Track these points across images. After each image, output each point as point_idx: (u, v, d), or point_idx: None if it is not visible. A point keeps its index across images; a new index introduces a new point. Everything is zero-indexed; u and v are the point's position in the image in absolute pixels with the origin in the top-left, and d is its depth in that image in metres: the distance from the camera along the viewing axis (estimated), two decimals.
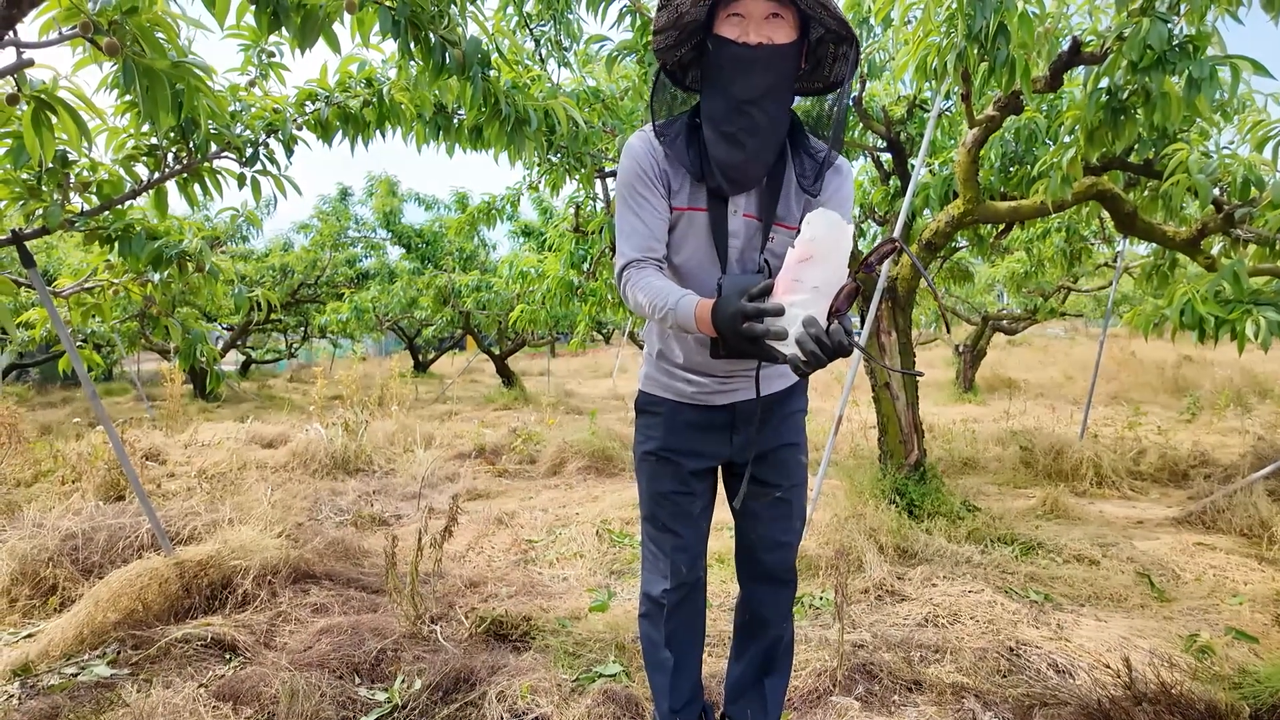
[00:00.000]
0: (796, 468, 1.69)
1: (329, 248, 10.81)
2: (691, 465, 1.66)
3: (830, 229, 1.18)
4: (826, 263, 1.18)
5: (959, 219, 3.46)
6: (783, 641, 1.76)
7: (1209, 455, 5.28)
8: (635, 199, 1.48)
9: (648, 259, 1.48)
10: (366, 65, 2.86)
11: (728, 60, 1.37)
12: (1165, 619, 2.69)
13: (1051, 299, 8.59)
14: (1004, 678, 2.24)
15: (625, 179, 1.50)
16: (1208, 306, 2.90)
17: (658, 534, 1.70)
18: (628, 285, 1.47)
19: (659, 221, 1.49)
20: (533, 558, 3.67)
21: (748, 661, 1.79)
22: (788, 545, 1.70)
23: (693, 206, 1.49)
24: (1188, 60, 2.40)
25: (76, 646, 2.58)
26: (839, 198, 1.51)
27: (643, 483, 1.72)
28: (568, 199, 5.38)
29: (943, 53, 2.41)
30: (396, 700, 2.19)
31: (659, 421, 1.67)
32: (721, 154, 1.41)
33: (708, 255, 1.50)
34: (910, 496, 3.64)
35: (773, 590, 1.72)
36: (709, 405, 1.64)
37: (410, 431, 6.83)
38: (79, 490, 4.52)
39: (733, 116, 1.38)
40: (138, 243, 2.61)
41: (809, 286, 1.18)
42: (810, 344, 1.13)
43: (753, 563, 1.73)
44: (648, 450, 1.69)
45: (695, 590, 1.75)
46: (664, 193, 1.49)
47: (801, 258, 1.19)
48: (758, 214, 1.49)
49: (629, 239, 1.49)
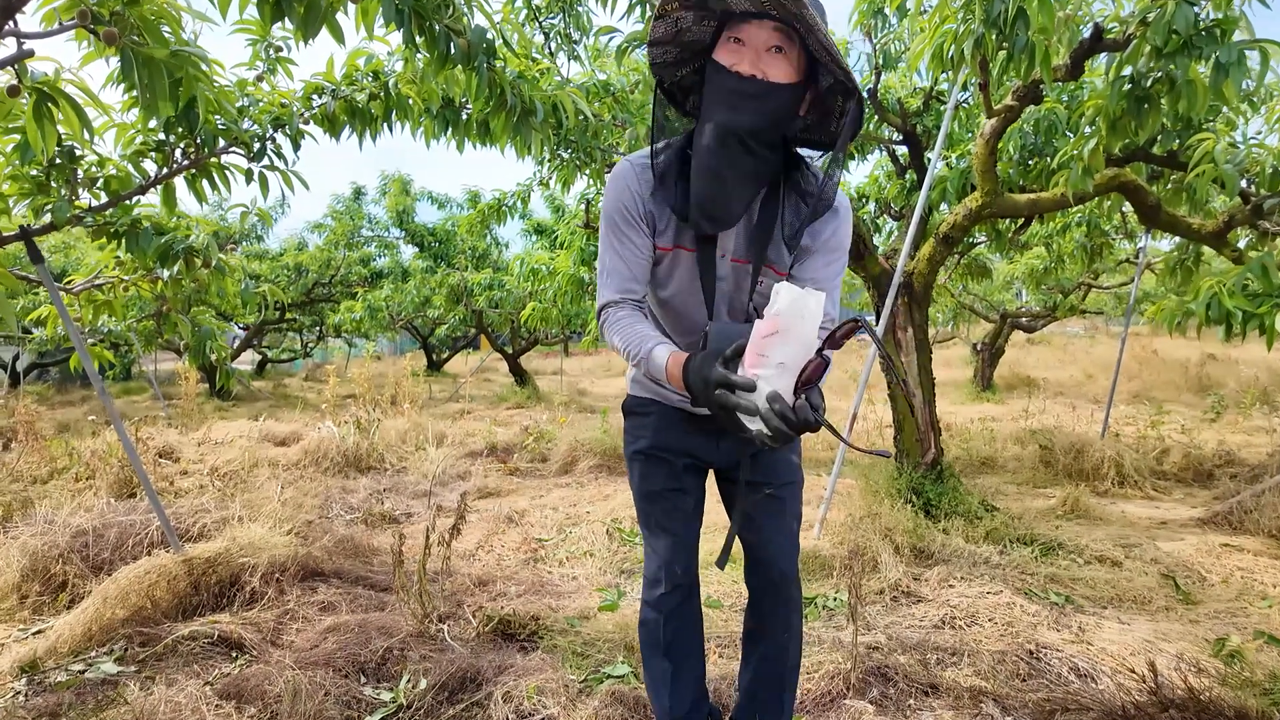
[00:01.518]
0: (786, 467, 1.64)
1: (343, 246, 10.85)
2: (684, 462, 1.63)
3: (794, 303, 1.14)
4: (792, 336, 1.15)
5: (977, 212, 3.38)
6: (789, 647, 1.70)
7: (1234, 455, 5.16)
8: (617, 236, 1.43)
9: (626, 300, 1.44)
10: (373, 59, 2.84)
11: (718, 87, 1.29)
12: (1191, 622, 2.61)
13: (1072, 296, 8.45)
14: (1023, 682, 2.17)
15: (608, 213, 1.45)
16: (1234, 300, 2.82)
17: (654, 533, 1.66)
18: (605, 326, 1.45)
19: (640, 261, 1.44)
20: (543, 556, 3.64)
21: (755, 668, 1.74)
22: (781, 545, 1.64)
23: (679, 245, 1.44)
24: (1214, 45, 2.32)
25: (85, 643, 2.57)
26: (834, 241, 1.44)
27: (634, 482, 1.69)
28: (579, 196, 5.35)
29: (960, 40, 2.34)
30: (402, 700, 2.16)
31: (649, 421, 1.64)
32: (701, 188, 1.34)
33: (693, 295, 1.46)
34: (927, 496, 3.57)
35: (772, 592, 1.67)
36: (695, 412, 1.60)
37: (422, 430, 6.82)
38: (92, 488, 4.54)
39: (715, 148, 1.30)
40: (145, 238, 2.60)
41: (774, 362, 1.15)
42: (775, 420, 1.11)
43: (753, 566, 1.68)
44: (638, 449, 1.65)
45: (691, 593, 1.71)
46: (647, 231, 1.43)
47: (767, 332, 1.16)
48: (746, 257, 1.43)
49: (608, 279, 1.45)
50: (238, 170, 2.84)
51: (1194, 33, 2.31)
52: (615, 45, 3.37)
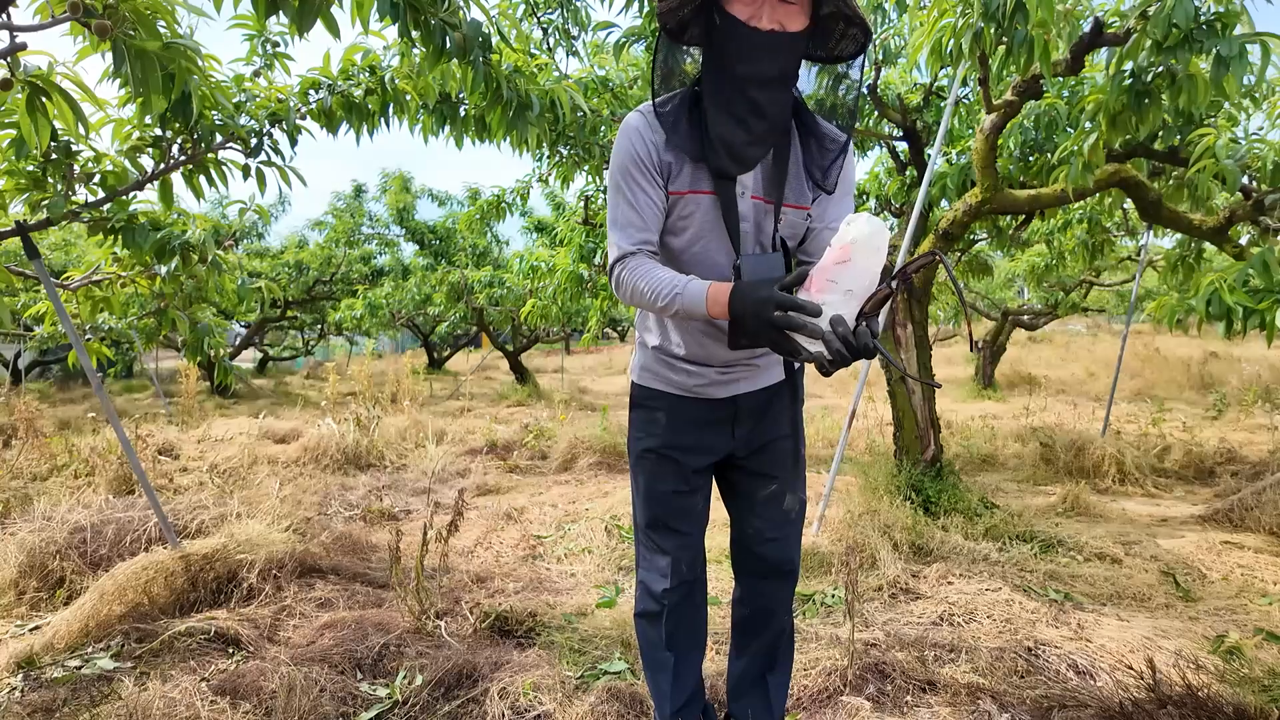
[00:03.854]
0: (794, 459, 1.64)
1: (343, 244, 10.84)
2: (694, 463, 1.61)
3: (871, 234, 1.17)
4: (862, 266, 1.18)
5: (977, 208, 3.37)
6: (784, 635, 1.71)
7: (1236, 452, 5.14)
8: (630, 186, 1.42)
9: (642, 250, 1.43)
10: (369, 53, 2.83)
11: (736, 41, 1.31)
12: (1191, 619, 2.60)
13: (1073, 293, 8.42)
14: (1021, 678, 2.16)
15: (620, 163, 1.44)
16: (1235, 296, 2.80)
17: (660, 533, 1.64)
18: (625, 275, 1.42)
19: (654, 211, 1.43)
20: (541, 553, 3.63)
21: (749, 659, 1.73)
22: (786, 538, 1.65)
23: (695, 189, 1.42)
24: (1215, 38, 2.30)
25: (82, 640, 2.57)
26: (846, 176, 1.48)
27: (641, 481, 1.65)
28: (578, 193, 5.34)
29: (959, 33, 2.33)
30: (397, 696, 2.16)
31: (660, 418, 1.61)
32: (725, 133, 1.36)
33: (717, 239, 1.44)
34: (926, 493, 3.56)
35: (774, 584, 1.67)
36: (710, 399, 1.58)
37: (423, 427, 6.82)
38: (91, 485, 4.55)
39: (737, 99, 1.34)
40: (141, 233, 2.59)
41: (842, 289, 1.18)
42: (837, 343, 1.14)
43: (752, 557, 1.67)
44: (647, 448, 1.62)
45: (695, 588, 1.70)
46: (660, 181, 1.43)
47: (839, 259, 1.19)
48: (765, 195, 1.44)
49: (623, 230, 1.44)
50: (235, 166, 2.83)
51: (1194, 26, 2.30)
52: (614, 40, 3.37)
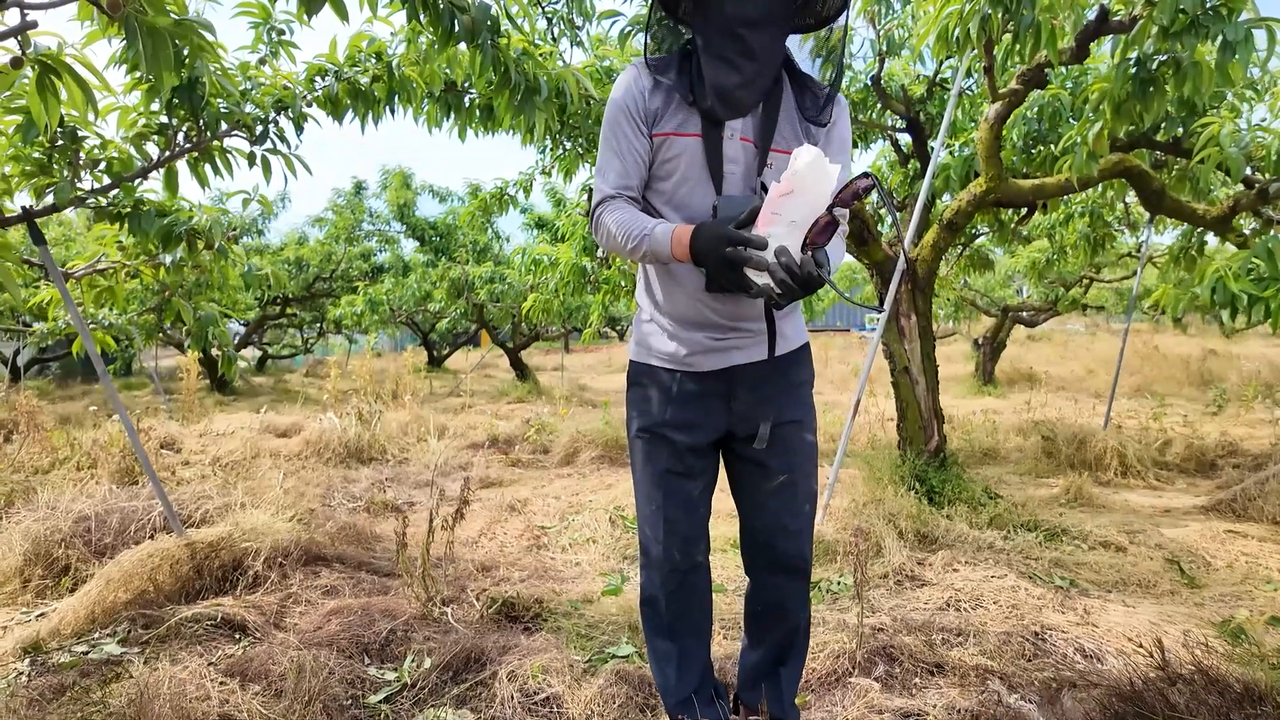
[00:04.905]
0: (802, 446, 1.57)
1: (343, 241, 10.83)
2: (686, 440, 1.55)
3: (812, 164, 1.19)
4: (806, 197, 1.20)
5: (981, 197, 3.37)
6: (799, 631, 1.66)
7: (1237, 446, 5.15)
8: (617, 135, 1.48)
9: (622, 195, 1.48)
10: (375, 40, 2.83)
11: None
12: (1196, 605, 2.60)
13: (1074, 289, 8.43)
14: (1029, 661, 2.17)
15: (610, 114, 1.49)
16: (1240, 284, 2.81)
17: (653, 518, 1.59)
18: (603, 216, 1.47)
19: (637, 161, 1.48)
20: (545, 543, 3.63)
21: (763, 652, 1.68)
22: (798, 532, 1.58)
23: (680, 132, 1.45)
24: (1221, 23, 2.31)
25: (88, 625, 2.57)
26: (839, 129, 1.50)
27: (636, 463, 1.62)
28: (581, 186, 5.34)
29: (965, 19, 2.33)
30: (406, 679, 2.16)
31: (653, 394, 1.57)
32: (717, 77, 1.39)
33: (700, 181, 1.46)
34: (930, 483, 3.56)
35: (786, 580, 1.61)
36: (701, 371, 1.53)
37: (424, 422, 6.82)
38: (94, 476, 4.54)
39: (727, 41, 1.37)
40: (147, 220, 2.59)
41: (786, 220, 1.21)
42: (781, 273, 1.17)
43: (762, 552, 1.61)
44: (641, 428, 1.59)
45: (694, 575, 1.64)
46: (645, 129, 1.47)
47: (783, 192, 1.21)
48: (754, 139, 1.45)
49: (605, 176, 1.49)
50: (239, 154, 2.83)
51: (1201, 11, 2.30)
52: (618, 29, 3.36)
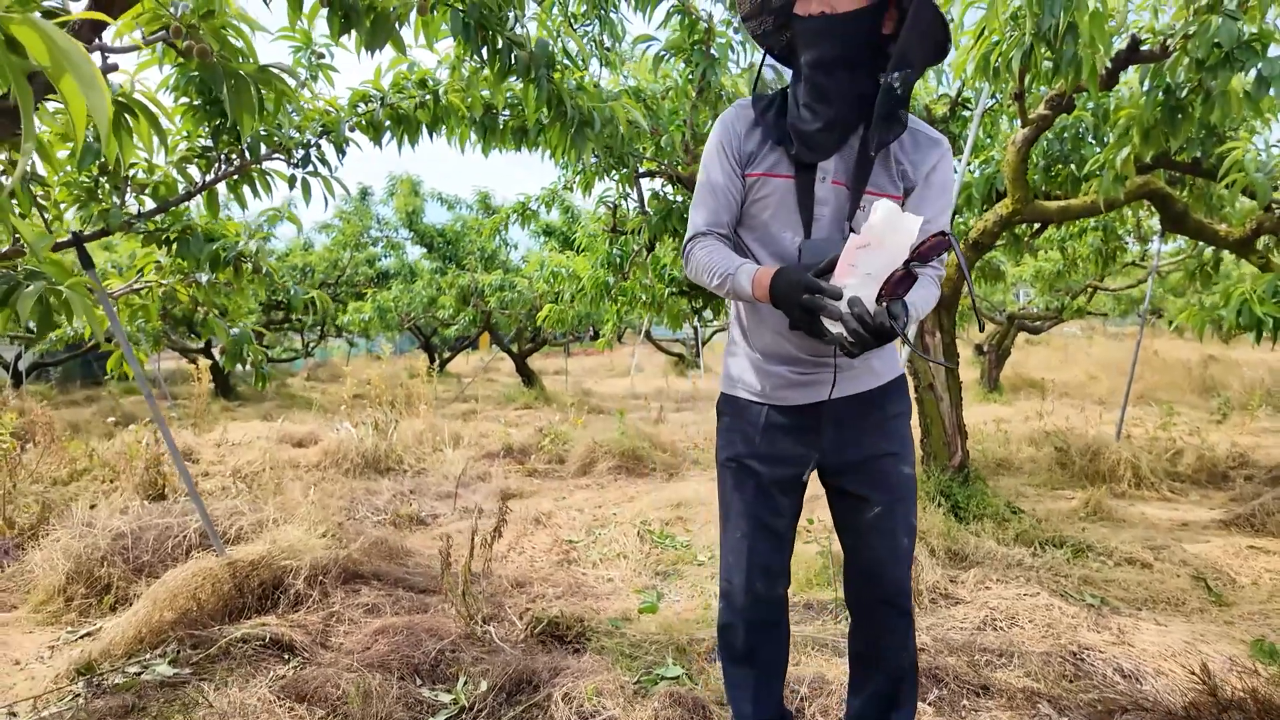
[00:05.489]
0: (899, 480, 1.56)
1: (350, 248, 10.84)
2: (773, 474, 1.57)
3: (888, 218, 1.21)
4: (883, 250, 1.22)
5: (1008, 218, 3.43)
6: (906, 670, 1.63)
7: (1247, 456, 5.22)
8: (714, 171, 1.53)
9: (713, 231, 1.53)
10: (416, 67, 2.87)
11: (798, 34, 1.42)
12: (1226, 624, 2.66)
13: (1079, 298, 8.53)
14: (1071, 683, 2.22)
15: (707, 152, 1.55)
16: (1265, 307, 2.87)
17: (737, 546, 1.61)
18: (695, 252, 1.52)
19: (729, 197, 1.53)
20: (575, 558, 3.67)
21: (868, 697, 1.67)
22: (895, 566, 1.56)
23: (772, 173, 1.49)
24: (1256, 58, 2.37)
25: (136, 645, 2.60)
26: (939, 173, 1.48)
27: (724, 490, 1.65)
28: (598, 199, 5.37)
29: (1005, 51, 2.38)
30: (463, 701, 2.20)
31: (740, 425, 1.61)
32: (798, 120, 1.44)
33: (789, 222, 1.49)
34: (955, 498, 3.61)
35: (887, 614, 1.59)
36: (788, 405, 1.55)
37: (438, 431, 6.85)
38: (117, 489, 4.55)
39: (804, 86, 1.43)
40: (196, 244, 2.62)
41: (862, 272, 1.24)
42: (853, 323, 1.21)
43: (864, 585, 1.61)
44: (728, 457, 1.62)
45: (773, 607, 1.65)
46: (739, 170, 1.52)
47: (860, 244, 1.24)
48: (846, 182, 1.47)
49: (700, 211, 1.55)
50: (280, 176, 2.87)
51: (1235, 45, 2.36)
52: (652, 52, 3.41)
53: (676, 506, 4.36)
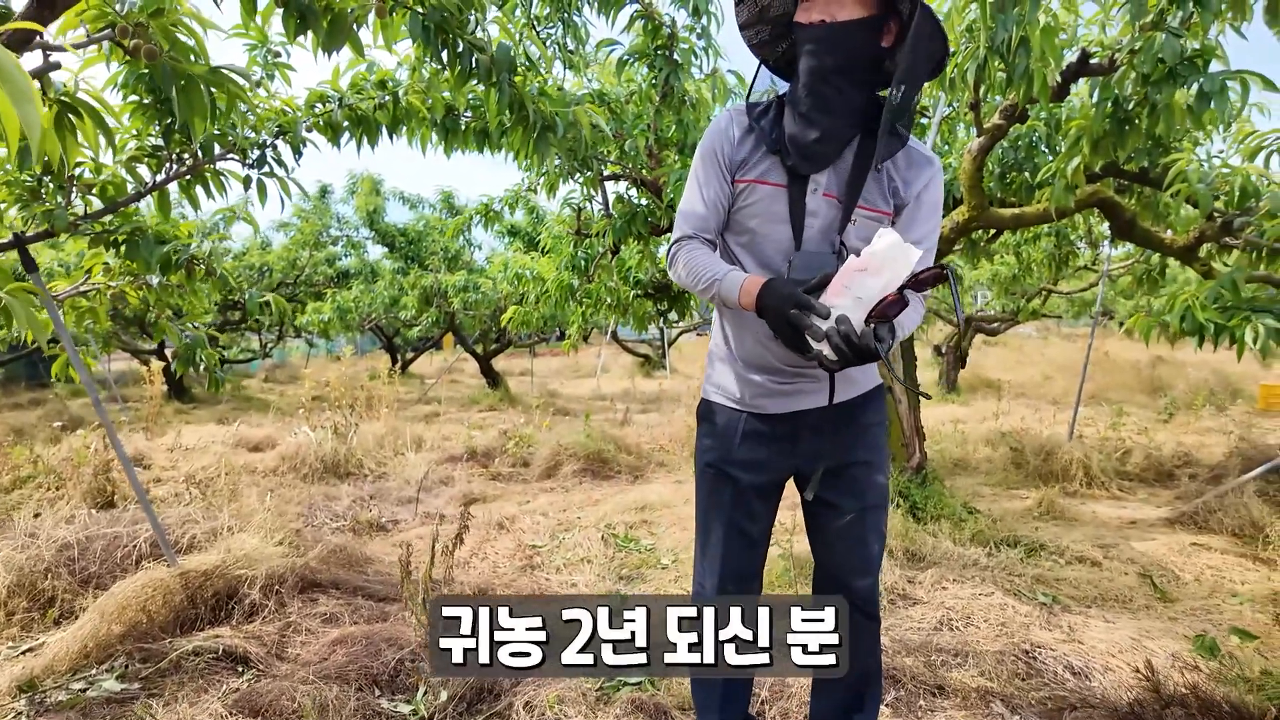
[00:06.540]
0: (871, 488, 1.59)
1: (309, 247, 10.64)
2: (750, 480, 1.58)
3: (891, 247, 1.22)
4: (880, 277, 1.22)
5: (964, 225, 3.50)
6: (871, 675, 1.66)
7: (1192, 455, 5.41)
8: (700, 178, 1.53)
9: (699, 236, 1.53)
10: (376, 68, 2.83)
11: (799, 41, 1.41)
12: (1170, 619, 2.75)
13: (1033, 301, 8.75)
14: (1024, 681, 2.27)
15: (699, 155, 1.54)
16: (1207, 313, 2.97)
17: (710, 550, 1.63)
18: (679, 255, 1.52)
19: (717, 203, 1.52)
20: (538, 564, 3.65)
21: (834, 700, 1.69)
22: (865, 573, 1.59)
23: (763, 180, 1.47)
24: (1197, 74, 2.45)
25: (82, 660, 2.51)
26: (930, 192, 1.47)
27: (701, 494, 1.66)
28: (562, 200, 5.35)
29: (962, 64, 2.44)
30: (423, 712, 2.17)
31: (719, 432, 1.61)
32: (795, 130, 1.43)
33: (777, 231, 1.48)
34: (914, 499, 3.68)
35: (854, 623, 1.59)
36: (766, 414, 1.56)
37: (399, 434, 6.75)
38: (63, 497, 4.41)
39: (804, 95, 1.41)
40: (146, 246, 2.55)
41: (853, 295, 1.23)
42: (837, 340, 1.20)
43: (829, 588, 1.63)
44: (707, 462, 1.63)
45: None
46: (729, 177, 1.51)
47: (858, 268, 1.23)
48: (838, 194, 1.45)
49: (686, 216, 1.55)
50: (234, 177, 2.80)
51: (1179, 62, 2.44)
52: (615, 56, 3.41)
53: (641, 509, 4.36)
